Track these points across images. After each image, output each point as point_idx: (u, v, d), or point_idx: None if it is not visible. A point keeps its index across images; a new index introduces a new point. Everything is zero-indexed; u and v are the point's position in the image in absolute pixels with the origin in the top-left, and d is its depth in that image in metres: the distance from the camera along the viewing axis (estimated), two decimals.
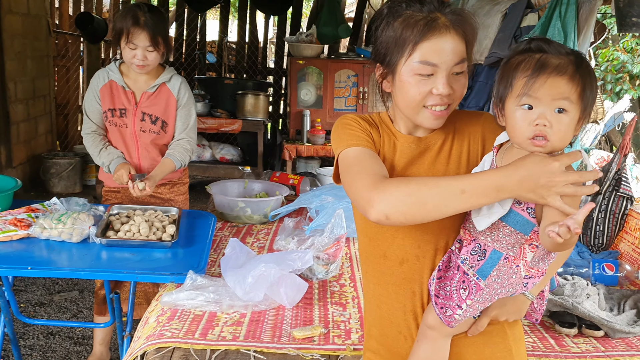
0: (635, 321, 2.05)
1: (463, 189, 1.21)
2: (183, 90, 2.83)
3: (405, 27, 1.34)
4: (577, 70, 1.23)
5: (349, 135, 1.43)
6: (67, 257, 2.27)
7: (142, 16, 2.61)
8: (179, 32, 7.46)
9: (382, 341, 1.53)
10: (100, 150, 2.78)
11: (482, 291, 1.31)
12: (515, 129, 1.27)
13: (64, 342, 3.31)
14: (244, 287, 2.03)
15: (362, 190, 1.29)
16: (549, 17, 2.98)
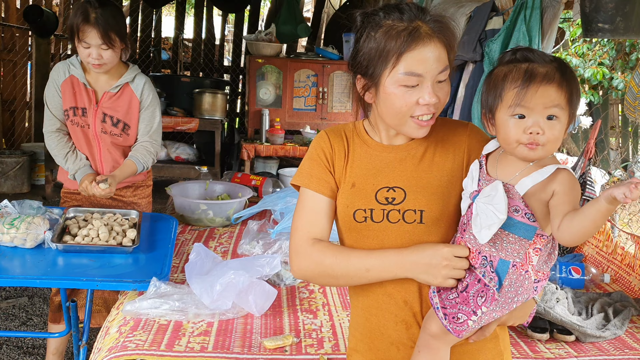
0: (604, 325, 2.07)
1: (368, 268, 1.37)
2: (147, 91, 2.70)
3: (388, 39, 1.32)
4: (563, 77, 1.26)
5: (308, 172, 1.48)
6: (20, 264, 2.15)
7: (93, 12, 2.46)
8: (133, 28, 7.25)
9: (371, 355, 1.49)
10: (67, 155, 2.64)
11: (497, 301, 1.30)
12: (508, 137, 1.29)
13: (12, 352, 3.14)
14: (211, 295, 1.95)
15: (295, 245, 1.45)
16: (513, 20, 3.00)
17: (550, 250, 1.34)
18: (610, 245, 2.55)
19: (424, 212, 1.39)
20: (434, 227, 1.40)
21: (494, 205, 1.28)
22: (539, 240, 1.30)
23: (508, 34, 3.01)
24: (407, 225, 1.40)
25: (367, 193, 1.43)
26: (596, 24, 2.46)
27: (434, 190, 1.41)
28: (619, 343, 1.97)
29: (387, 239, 1.41)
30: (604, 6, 2.43)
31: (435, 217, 1.40)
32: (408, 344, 1.44)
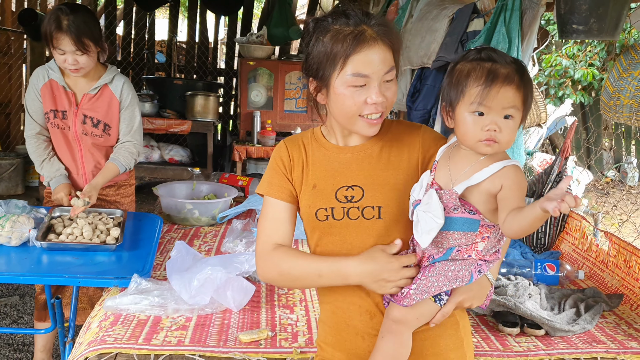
0: (574, 320, 2.12)
1: (320, 274, 1.45)
2: (126, 91, 2.74)
3: (335, 42, 1.39)
4: (521, 79, 1.35)
5: (269, 180, 1.57)
6: (5, 261, 2.20)
7: (65, 19, 2.48)
8: (127, 31, 7.31)
9: (339, 346, 1.55)
10: (43, 161, 2.69)
11: (435, 267, 1.39)
12: (467, 132, 1.36)
13: (3, 349, 3.19)
14: (189, 291, 2.00)
15: (258, 251, 1.55)
16: (494, 22, 3.05)
17: (499, 237, 1.41)
18: (585, 243, 2.60)
19: (381, 208, 1.46)
20: (393, 223, 1.47)
21: (431, 212, 1.36)
22: (485, 230, 1.38)
23: (489, 36, 3.05)
24: (367, 222, 1.47)
25: (327, 193, 1.50)
26: (571, 25, 2.51)
27: (390, 187, 1.48)
28: (588, 337, 2.02)
29: (348, 235, 1.48)
30: (578, 8, 2.49)
31: (393, 212, 1.47)
32: (372, 333, 1.50)
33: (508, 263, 2.51)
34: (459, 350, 1.53)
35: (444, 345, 1.51)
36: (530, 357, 1.87)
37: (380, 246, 1.43)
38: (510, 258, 2.59)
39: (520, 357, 1.87)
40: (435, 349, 1.51)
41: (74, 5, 2.62)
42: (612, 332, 2.06)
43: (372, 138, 1.52)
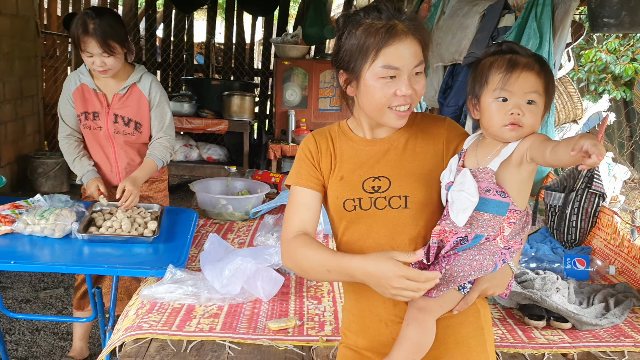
0: (603, 314, 2.11)
1: (329, 269, 1.46)
2: (154, 89, 2.82)
3: (367, 35, 1.43)
4: (542, 68, 1.42)
5: (297, 170, 1.61)
6: (49, 252, 2.32)
7: (91, 23, 2.56)
8: (167, 33, 7.49)
9: (362, 334, 1.60)
10: (74, 160, 2.82)
11: (459, 257, 1.43)
12: (492, 118, 1.43)
13: (49, 337, 3.35)
14: (221, 280, 2.07)
15: (281, 239, 1.59)
16: (525, 18, 3.04)
17: (523, 224, 1.46)
18: (617, 238, 2.58)
19: (408, 198, 1.51)
20: (419, 212, 1.51)
21: (465, 190, 1.41)
22: (512, 215, 1.42)
23: (520, 31, 3.05)
24: (393, 211, 1.51)
25: (355, 184, 1.54)
26: (602, 19, 2.50)
27: (416, 177, 1.52)
28: (616, 331, 2.01)
29: (375, 224, 1.53)
30: (609, 1, 2.48)
31: (419, 202, 1.51)
32: (396, 320, 1.54)
33: (538, 258, 2.51)
34: (479, 338, 1.56)
35: (465, 333, 1.55)
36: (554, 349, 1.89)
37: (394, 253, 1.36)
38: (540, 253, 2.59)
39: (545, 349, 1.89)
40: (456, 336, 1.54)
41: (100, 9, 2.71)
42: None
43: (398, 130, 1.56)
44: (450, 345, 1.54)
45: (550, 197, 2.72)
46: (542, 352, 1.87)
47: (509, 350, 1.88)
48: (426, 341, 1.49)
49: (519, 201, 1.43)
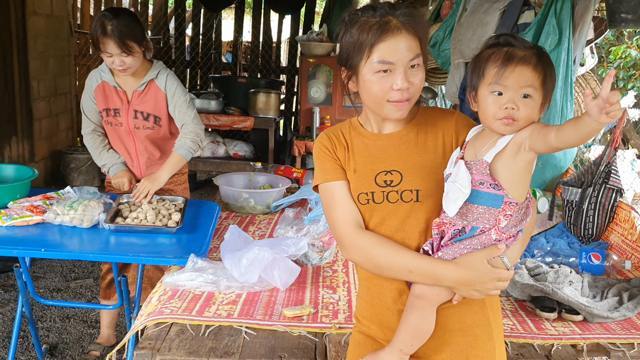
0: (615, 307, 2.13)
1: (411, 270, 1.50)
2: (170, 83, 2.89)
3: (362, 32, 1.49)
4: (539, 60, 1.42)
5: (320, 168, 1.65)
6: (77, 241, 2.43)
7: (109, 24, 2.65)
8: (195, 32, 7.62)
9: (374, 319, 1.66)
10: (101, 152, 2.93)
11: (452, 247, 1.48)
12: (487, 112, 1.44)
13: (79, 325, 3.48)
14: (239, 269, 2.15)
15: (340, 235, 1.59)
16: (544, 14, 3.05)
17: (522, 217, 1.47)
18: (634, 234, 2.58)
19: (420, 192, 1.55)
20: (431, 205, 1.56)
21: (458, 182, 1.44)
22: (508, 207, 1.44)
23: (539, 28, 3.06)
24: (405, 204, 1.56)
25: (368, 178, 1.59)
26: (619, 14, 2.51)
27: (428, 171, 1.56)
28: (628, 324, 2.03)
29: (387, 217, 1.58)
30: None
31: (431, 195, 1.56)
32: (401, 309, 1.59)
33: (554, 252, 2.53)
34: (485, 327, 1.59)
35: (470, 322, 1.58)
36: (564, 340, 1.91)
37: (482, 253, 1.46)
38: (556, 248, 2.61)
39: (554, 339, 1.92)
40: (461, 324, 1.58)
41: (117, 10, 2.80)
42: None
43: (408, 124, 1.60)
44: (455, 333, 1.57)
45: (568, 192, 2.74)
46: (551, 342, 1.90)
47: (518, 340, 1.91)
48: (425, 328, 1.53)
49: (515, 193, 1.43)
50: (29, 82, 5.72)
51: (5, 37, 5.23)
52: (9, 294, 3.82)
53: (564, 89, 3.05)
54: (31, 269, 4.10)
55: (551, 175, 3.15)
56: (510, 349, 1.86)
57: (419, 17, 1.52)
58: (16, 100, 5.50)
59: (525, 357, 1.84)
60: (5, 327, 3.40)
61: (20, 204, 2.60)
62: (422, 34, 1.51)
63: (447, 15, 4.10)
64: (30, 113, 5.79)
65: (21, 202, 2.61)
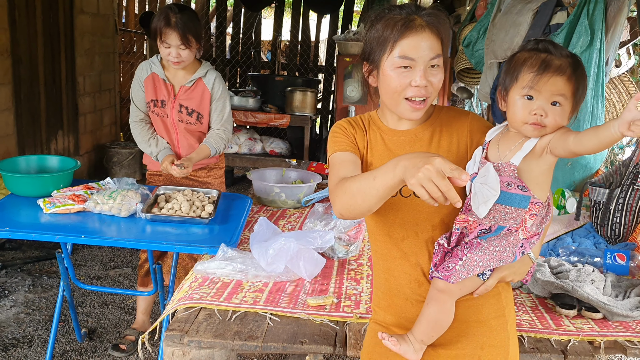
0: (637, 307, 2.14)
1: (375, 175, 1.40)
2: (217, 84, 3.05)
3: (386, 27, 1.55)
4: (574, 72, 1.47)
5: (333, 142, 1.68)
6: (115, 229, 2.55)
7: (173, 17, 2.81)
8: (235, 31, 7.78)
9: (390, 310, 1.73)
10: (149, 139, 3.06)
11: (481, 246, 1.51)
12: (517, 114, 1.49)
13: (116, 311, 3.64)
14: (266, 259, 2.24)
15: (329, 191, 1.57)
16: (577, 15, 3.05)
17: (544, 215, 1.53)
18: None
19: None
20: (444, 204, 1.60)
21: (488, 184, 1.49)
22: (534, 207, 1.49)
23: (571, 29, 3.07)
24: (417, 199, 1.61)
25: None
26: None
27: None
28: None
29: (400, 211, 1.64)
30: None
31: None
32: (420, 300, 1.66)
33: (579, 252, 2.55)
34: (500, 318, 1.65)
35: (486, 313, 1.64)
36: (581, 337, 1.94)
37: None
38: (582, 247, 2.62)
39: (572, 335, 1.94)
40: (478, 316, 1.64)
41: (181, 6, 2.98)
42: None
43: (424, 123, 1.65)
44: (472, 325, 1.63)
45: (595, 192, 2.74)
46: (568, 338, 1.93)
47: (535, 335, 1.94)
48: (444, 320, 1.60)
49: (539, 193, 1.49)
50: (75, 78, 5.95)
51: (54, 35, 5.46)
52: (52, 280, 4.01)
53: (595, 90, 3.05)
54: (73, 257, 4.30)
55: (581, 176, 3.15)
56: (526, 343, 1.90)
57: (443, 19, 1.57)
58: (63, 95, 5.73)
59: (541, 352, 1.87)
60: (48, 311, 3.58)
61: (63, 193, 2.74)
62: (444, 35, 1.56)
63: (482, 15, 4.12)
64: (76, 108, 6.02)
65: (64, 192, 2.76)
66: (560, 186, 3.11)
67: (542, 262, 2.38)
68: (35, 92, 5.17)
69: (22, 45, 4.87)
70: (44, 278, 4.03)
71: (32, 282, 3.95)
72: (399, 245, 1.67)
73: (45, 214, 2.60)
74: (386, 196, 1.42)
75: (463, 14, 5.47)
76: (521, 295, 2.24)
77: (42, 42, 5.23)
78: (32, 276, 4.04)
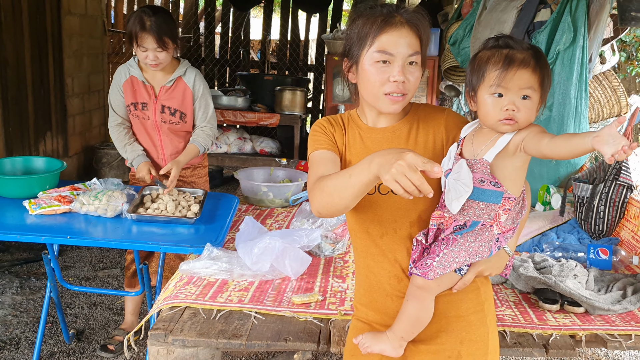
0: (618, 301, 2.16)
1: (350, 173, 1.43)
2: (198, 82, 3.05)
3: (366, 23, 1.57)
4: (538, 63, 1.48)
5: (313, 141, 1.70)
6: (101, 229, 2.56)
7: (148, 20, 2.79)
8: (224, 31, 7.78)
9: (371, 306, 1.74)
10: (125, 145, 3.06)
11: (457, 242, 1.53)
12: (488, 113, 1.50)
13: (105, 312, 3.64)
14: (251, 258, 2.25)
15: (308, 189, 1.58)
16: (560, 12, 3.07)
17: (519, 210, 1.55)
18: None
19: None
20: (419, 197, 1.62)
21: (461, 180, 1.51)
22: (507, 202, 1.51)
23: (555, 26, 3.09)
24: (395, 196, 1.63)
25: None
26: (629, 12, 2.53)
27: None
28: (628, 317, 2.07)
29: (378, 208, 1.66)
30: None
31: None
32: (399, 295, 1.68)
33: (563, 248, 2.57)
34: (479, 313, 1.67)
35: (465, 308, 1.66)
36: (563, 331, 1.96)
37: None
38: (566, 243, 2.64)
39: (554, 330, 1.96)
40: (457, 311, 1.65)
41: (155, 7, 2.95)
42: None
43: (401, 121, 1.67)
44: (451, 320, 1.65)
45: (579, 188, 2.76)
46: (550, 332, 1.95)
47: (518, 330, 1.96)
48: (424, 316, 1.61)
49: (512, 189, 1.51)
50: (64, 80, 5.93)
51: (41, 36, 5.44)
52: (40, 281, 4.00)
53: (578, 87, 3.07)
54: (62, 259, 4.30)
55: (565, 172, 3.18)
56: (509, 338, 1.92)
57: (423, 19, 1.59)
58: (51, 97, 5.71)
59: (523, 346, 1.89)
60: (36, 313, 3.57)
61: (49, 194, 2.74)
62: (423, 34, 1.58)
63: (468, 13, 4.14)
64: (65, 109, 6.00)
65: (50, 193, 2.76)
66: (546, 182, 3.13)
67: (526, 257, 2.41)
68: (23, 93, 5.15)
69: (9, 47, 4.85)
70: (32, 280, 4.02)
71: (20, 284, 3.95)
72: (377, 242, 1.69)
73: (30, 215, 2.60)
74: (362, 193, 1.44)
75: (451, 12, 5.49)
76: (505, 291, 2.26)
77: (29, 44, 5.21)
78: (20, 278, 4.03)
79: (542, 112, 1.56)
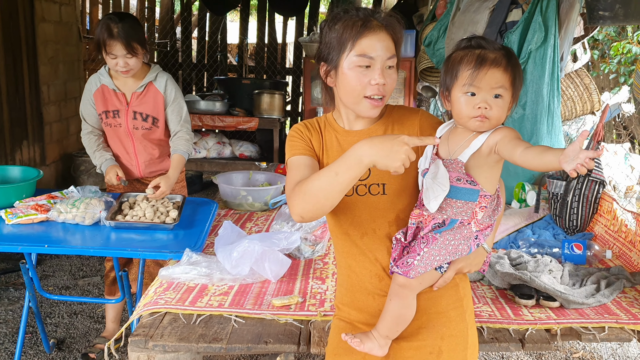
0: (592, 294, 2.21)
1: (336, 172, 1.45)
2: (169, 86, 3.04)
3: (345, 28, 1.59)
4: (509, 62, 1.53)
5: (290, 147, 1.72)
6: (80, 237, 2.55)
7: (115, 27, 2.77)
8: (201, 35, 7.76)
9: (353, 305, 1.76)
10: (95, 152, 3.06)
11: (437, 241, 1.57)
12: (461, 111, 1.55)
13: (86, 320, 3.61)
14: (230, 262, 2.26)
15: (287, 195, 1.58)
16: (531, 12, 3.13)
17: (495, 207, 1.59)
18: (616, 224, 2.66)
19: (385, 185, 1.66)
20: (396, 198, 1.67)
21: (438, 179, 1.54)
22: (483, 200, 1.56)
23: (526, 26, 3.14)
24: (373, 197, 1.67)
25: None
26: (597, 11, 2.58)
27: None
28: (602, 309, 2.11)
29: (357, 209, 1.69)
30: None
31: (396, 189, 1.66)
32: (381, 294, 1.71)
33: (539, 244, 2.61)
34: (459, 309, 1.70)
35: (445, 305, 1.69)
36: (539, 325, 2.00)
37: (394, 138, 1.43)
38: (541, 239, 2.69)
39: (530, 324, 2.00)
40: (437, 307, 1.69)
41: (121, 14, 2.93)
42: (629, 305, 2.13)
43: (377, 123, 1.70)
44: (432, 316, 1.68)
45: (553, 185, 2.81)
46: (526, 327, 1.98)
47: (494, 325, 1.99)
48: (407, 314, 1.64)
49: (488, 186, 1.56)
50: (39, 87, 5.87)
51: (15, 44, 5.39)
52: (19, 292, 3.96)
53: (551, 86, 3.13)
54: (41, 268, 4.26)
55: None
56: (486, 333, 1.95)
57: (397, 22, 1.63)
58: (27, 104, 5.65)
59: (500, 341, 1.92)
60: (15, 324, 3.54)
61: (26, 203, 2.72)
62: (398, 37, 1.62)
63: (442, 14, 4.19)
64: (41, 117, 5.94)
65: (27, 202, 2.74)
66: (521, 180, 3.18)
67: (503, 254, 2.45)
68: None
69: None
70: (11, 290, 3.98)
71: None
72: (357, 243, 1.71)
73: (7, 224, 2.58)
74: (347, 190, 1.49)
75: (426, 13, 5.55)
76: (482, 288, 2.30)
77: (3, 51, 5.16)
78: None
79: (515, 110, 1.61)
